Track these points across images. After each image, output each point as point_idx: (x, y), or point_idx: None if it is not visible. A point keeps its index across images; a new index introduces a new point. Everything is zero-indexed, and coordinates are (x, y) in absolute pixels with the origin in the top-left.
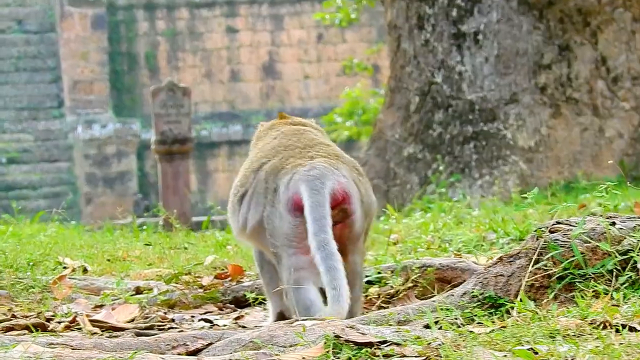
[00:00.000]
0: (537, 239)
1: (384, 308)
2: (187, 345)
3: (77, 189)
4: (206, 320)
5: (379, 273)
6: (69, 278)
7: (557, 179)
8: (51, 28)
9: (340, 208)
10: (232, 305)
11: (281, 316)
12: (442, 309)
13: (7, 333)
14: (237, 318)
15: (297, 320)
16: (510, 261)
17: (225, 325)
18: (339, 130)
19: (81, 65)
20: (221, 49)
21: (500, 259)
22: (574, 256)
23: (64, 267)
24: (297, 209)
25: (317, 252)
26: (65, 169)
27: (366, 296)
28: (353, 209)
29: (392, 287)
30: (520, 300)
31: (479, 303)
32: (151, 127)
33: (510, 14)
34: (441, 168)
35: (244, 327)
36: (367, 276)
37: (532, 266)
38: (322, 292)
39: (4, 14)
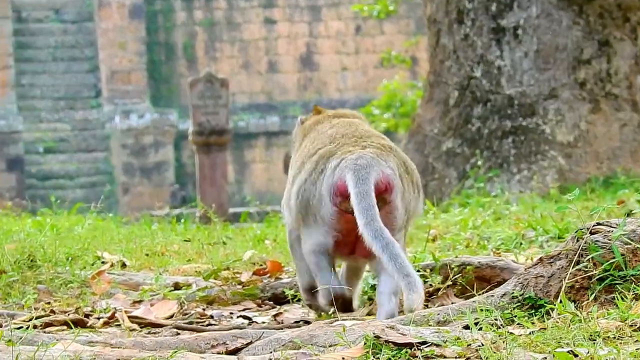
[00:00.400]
0: (578, 240)
1: (424, 306)
2: (227, 344)
3: (114, 179)
4: (245, 317)
5: (418, 271)
6: (108, 273)
7: (595, 174)
8: (89, 17)
9: (381, 197)
10: (271, 302)
11: (309, 289)
12: (482, 310)
13: (46, 329)
14: (276, 315)
15: (337, 320)
16: (551, 262)
17: (263, 322)
18: (376, 123)
19: (119, 55)
20: (259, 40)
21: (541, 259)
22: (614, 258)
23: (103, 262)
24: (339, 195)
25: (374, 241)
26: (102, 158)
27: None
28: (392, 199)
29: (431, 285)
30: (561, 302)
31: (519, 304)
32: (188, 118)
33: (549, 9)
34: (479, 163)
35: (282, 324)
36: None
37: (573, 267)
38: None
39: (42, 3)
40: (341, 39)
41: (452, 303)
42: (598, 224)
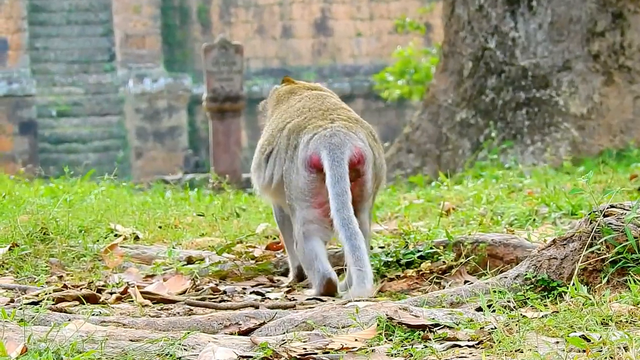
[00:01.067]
0: (591, 223)
1: (437, 283)
2: (240, 324)
3: (127, 143)
4: (257, 293)
5: (432, 248)
6: (121, 246)
7: (608, 147)
8: None
9: (354, 169)
10: (284, 277)
11: (300, 270)
12: (495, 292)
13: (58, 304)
14: (288, 291)
15: (350, 301)
16: (564, 244)
17: (276, 299)
18: (390, 89)
19: (133, 19)
20: (273, 5)
21: (554, 241)
22: (627, 240)
23: (116, 235)
24: (313, 166)
25: (340, 229)
26: (115, 122)
27: (418, 271)
28: (365, 170)
29: (444, 262)
30: (573, 285)
31: (532, 286)
32: (202, 83)
33: None
34: (493, 134)
35: (294, 300)
36: (419, 251)
37: (586, 250)
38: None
39: None
40: (356, 5)
41: (465, 281)
42: (611, 206)
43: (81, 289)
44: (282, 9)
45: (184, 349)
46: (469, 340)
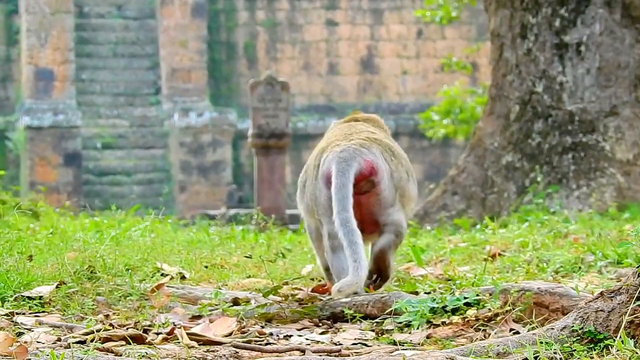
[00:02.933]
0: (639, 276)
1: (482, 331)
2: None
3: (171, 176)
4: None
5: (478, 295)
6: (167, 286)
7: None
8: (151, 14)
9: (368, 179)
10: (329, 321)
11: (328, 269)
12: (541, 343)
13: (104, 344)
14: (334, 334)
15: (397, 350)
16: (611, 297)
17: (322, 343)
18: (435, 128)
19: (180, 53)
20: (320, 42)
21: (601, 293)
22: None
23: (162, 274)
24: (329, 181)
25: (339, 229)
26: (159, 156)
27: (464, 318)
28: (379, 180)
29: (490, 310)
30: (620, 338)
31: (579, 338)
32: (247, 117)
33: (613, 27)
34: (539, 178)
35: (339, 345)
36: (465, 298)
37: (633, 303)
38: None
39: None
40: (402, 43)
41: (511, 329)
42: None
43: (128, 329)
44: (328, 45)
45: None
46: None
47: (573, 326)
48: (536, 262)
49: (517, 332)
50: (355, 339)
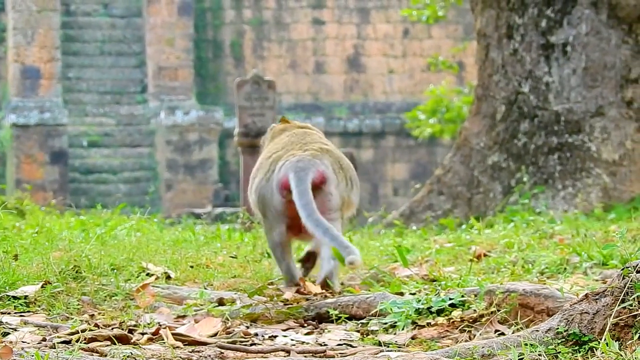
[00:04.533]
0: (624, 278)
1: (467, 332)
2: None
3: (157, 175)
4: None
5: (463, 296)
6: (152, 286)
7: None
8: (137, 12)
9: (318, 187)
10: (314, 322)
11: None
12: (526, 345)
13: (90, 344)
14: (319, 335)
15: (382, 352)
16: (596, 299)
17: (307, 343)
18: (421, 127)
19: (166, 51)
20: (307, 40)
21: (586, 296)
22: None
23: (147, 274)
24: (284, 188)
25: (315, 229)
26: (146, 154)
27: (449, 319)
28: (327, 188)
29: (475, 311)
30: (605, 340)
31: (563, 340)
32: (234, 116)
33: (599, 27)
34: (525, 178)
35: (325, 346)
36: (450, 299)
37: (618, 305)
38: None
39: None
40: (389, 42)
41: (496, 331)
42: None
43: (113, 329)
44: (315, 44)
45: None
46: None
47: (558, 328)
48: (521, 263)
49: (502, 334)
50: (340, 339)
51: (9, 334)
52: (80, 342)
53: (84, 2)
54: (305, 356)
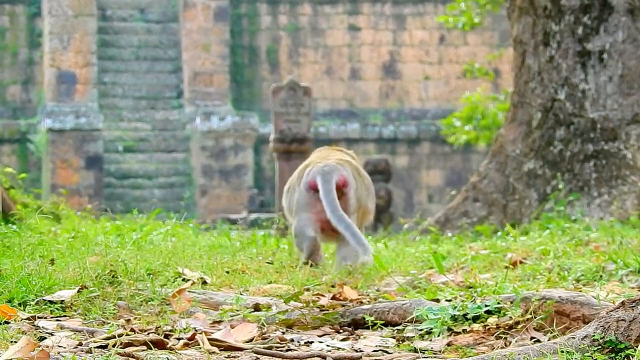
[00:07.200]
0: None
1: (503, 339)
2: None
3: (192, 180)
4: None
5: (499, 303)
6: (188, 291)
7: None
8: (173, 18)
9: (339, 190)
10: (350, 328)
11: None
12: (562, 352)
13: (126, 348)
14: (355, 341)
15: (417, 358)
16: (632, 306)
17: (342, 349)
18: (457, 134)
19: (202, 57)
20: (342, 47)
21: (623, 303)
22: None
23: (183, 279)
24: (311, 188)
25: (338, 224)
26: (181, 159)
27: (485, 326)
28: (347, 191)
29: (511, 318)
30: None
31: (600, 347)
32: (269, 122)
33: (635, 35)
34: (560, 186)
35: (360, 352)
36: (486, 305)
37: None
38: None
39: (127, 1)
40: (425, 48)
41: (532, 338)
42: None
43: (149, 334)
44: (350, 50)
45: None
46: None
47: (594, 335)
48: (557, 270)
49: (538, 341)
50: (376, 346)
51: (45, 338)
52: (117, 347)
53: (120, 7)
54: None
